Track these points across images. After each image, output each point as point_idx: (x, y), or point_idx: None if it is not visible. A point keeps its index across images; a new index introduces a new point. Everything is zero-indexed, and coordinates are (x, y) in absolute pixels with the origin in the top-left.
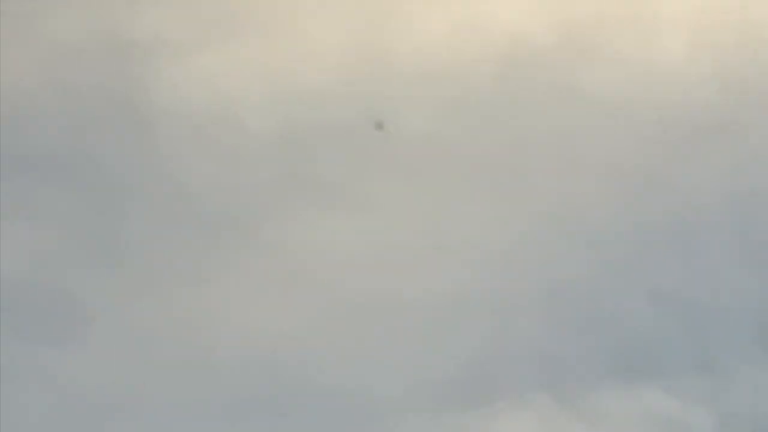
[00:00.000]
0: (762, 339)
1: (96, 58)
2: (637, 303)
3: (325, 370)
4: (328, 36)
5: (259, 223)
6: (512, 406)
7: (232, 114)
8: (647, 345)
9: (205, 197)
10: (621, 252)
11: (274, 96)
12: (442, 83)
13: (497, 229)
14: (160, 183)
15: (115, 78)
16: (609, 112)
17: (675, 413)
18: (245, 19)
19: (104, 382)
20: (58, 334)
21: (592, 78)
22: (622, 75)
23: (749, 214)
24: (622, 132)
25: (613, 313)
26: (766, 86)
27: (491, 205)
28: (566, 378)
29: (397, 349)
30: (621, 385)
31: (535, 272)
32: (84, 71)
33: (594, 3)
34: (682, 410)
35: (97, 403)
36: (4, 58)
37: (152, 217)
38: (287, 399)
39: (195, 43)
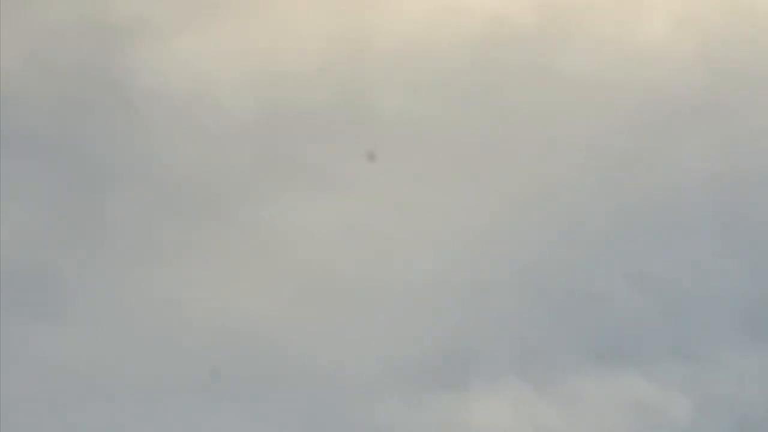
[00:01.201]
0: (742, 324)
1: (78, 40)
2: (615, 287)
3: (302, 350)
4: (307, 19)
5: (238, 204)
6: (487, 389)
7: (212, 96)
8: (625, 329)
9: (185, 178)
10: (600, 235)
11: (254, 78)
12: (422, 65)
13: (476, 211)
14: (141, 163)
15: (96, 60)
16: (591, 94)
17: (653, 398)
18: (225, 3)
19: (86, 359)
20: (41, 311)
21: (573, 59)
22: (605, 56)
23: (732, 197)
24: (604, 113)
25: (591, 297)
26: (751, 67)
27: (470, 187)
28: (542, 362)
29: (373, 331)
30: (598, 370)
31: (514, 255)
32: (66, 53)
33: None
34: (660, 395)
35: (80, 378)
36: None
37: (133, 197)
38: (265, 378)
39: (175, 26)
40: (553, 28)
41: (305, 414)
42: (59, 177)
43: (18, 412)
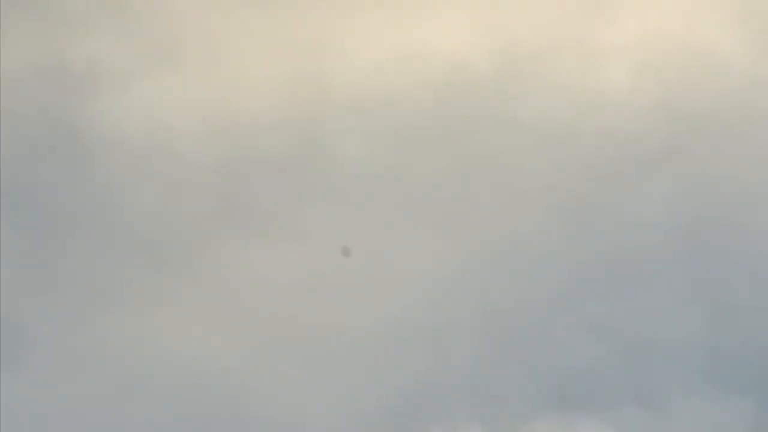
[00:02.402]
0: (699, 373)
1: (35, 88)
2: (575, 334)
3: (262, 398)
4: (266, 67)
5: (195, 252)
6: None
7: (169, 144)
8: (585, 377)
9: (143, 226)
10: (560, 283)
11: (211, 126)
12: (380, 112)
13: (434, 259)
14: (99, 212)
15: (53, 108)
16: (550, 141)
17: None
18: (182, 51)
19: (44, 406)
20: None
21: (533, 106)
22: (564, 104)
23: (692, 245)
24: (563, 161)
25: (551, 344)
26: (710, 115)
27: (428, 235)
28: (502, 409)
29: (331, 379)
30: (558, 417)
31: (474, 303)
32: (23, 101)
33: (535, 32)
34: None
35: (39, 424)
36: None
37: (91, 246)
38: (223, 426)
39: (133, 75)
40: (512, 76)
41: None
42: (17, 225)
43: None
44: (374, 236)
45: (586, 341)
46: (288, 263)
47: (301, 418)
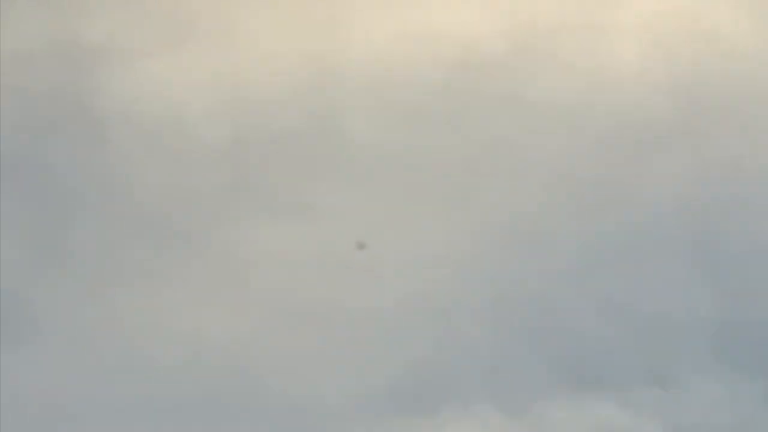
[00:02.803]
0: (713, 351)
1: (48, 64)
2: (587, 313)
3: (272, 376)
4: (278, 44)
5: (206, 229)
6: (458, 415)
7: (182, 120)
8: (598, 356)
9: (155, 203)
10: (573, 261)
11: (224, 103)
12: (392, 91)
13: (447, 237)
14: (111, 188)
15: (66, 84)
16: (560, 120)
17: (624, 424)
18: (195, 28)
19: (55, 384)
20: (8, 337)
21: (543, 85)
22: (574, 83)
23: (702, 224)
24: (573, 140)
25: (564, 323)
26: (718, 95)
27: (440, 214)
28: (513, 387)
29: (343, 356)
30: (570, 396)
31: (486, 281)
32: (36, 77)
33: (546, 11)
34: (631, 421)
35: (47, 403)
36: None
37: (103, 222)
38: (233, 404)
39: (146, 51)
40: (523, 55)
41: None
42: (28, 202)
43: None
44: (385, 214)
45: (598, 320)
46: (299, 240)
47: (311, 396)
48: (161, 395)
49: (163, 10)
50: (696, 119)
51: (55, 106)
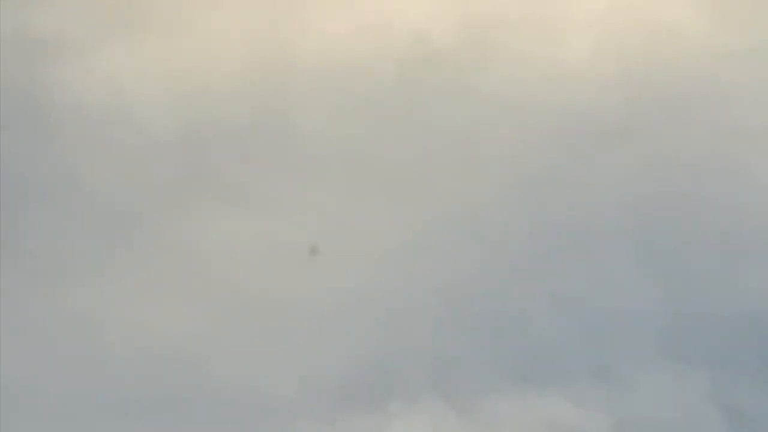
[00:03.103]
0: (659, 345)
1: None
2: (535, 307)
3: (221, 369)
4: (228, 36)
5: (159, 222)
6: (405, 409)
7: (132, 113)
8: (545, 350)
9: (105, 196)
10: (520, 255)
11: (175, 95)
12: (343, 83)
13: (395, 229)
14: (61, 181)
15: (15, 76)
16: (512, 113)
17: (572, 419)
18: (146, 20)
19: (4, 377)
20: None
21: (494, 78)
22: (526, 76)
23: (651, 219)
24: (525, 133)
25: (511, 317)
26: (670, 90)
27: (390, 205)
28: (460, 382)
29: (292, 350)
30: (517, 390)
31: (433, 274)
32: None
33: (499, 3)
34: (578, 416)
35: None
36: None
37: (52, 214)
38: (183, 396)
39: (96, 42)
40: (474, 48)
41: None
42: None
43: None
44: (336, 207)
45: (547, 315)
46: (250, 233)
47: (259, 389)
48: (112, 387)
49: (114, 1)
50: (647, 114)
51: (4, 98)
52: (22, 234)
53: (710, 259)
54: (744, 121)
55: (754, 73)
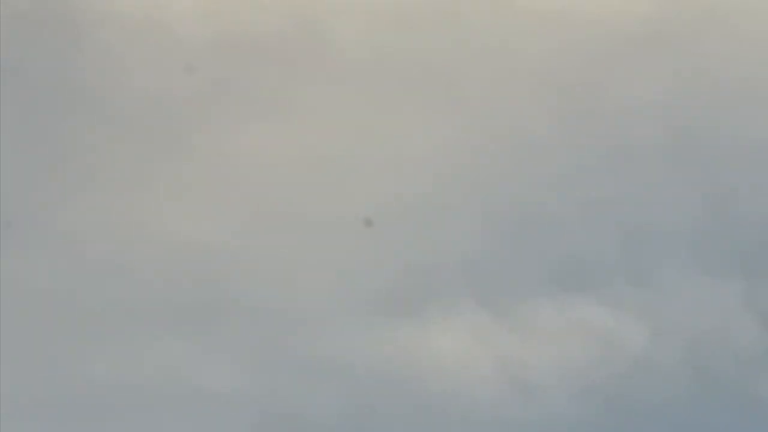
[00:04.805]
0: (696, 252)
1: None
2: (572, 214)
3: (255, 280)
4: None
5: (188, 133)
6: (443, 314)
7: (165, 22)
8: (582, 256)
9: (135, 106)
10: (556, 163)
11: (208, 4)
12: None
13: (432, 139)
14: (90, 89)
15: None
16: (545, 24)
17: (609, 324)
18: None
19: (36, 286)
20: None
21: None
22: None
23: (686, 128)
24: (560, 45)
25: (549, 223)
26: (709, 2)
27: (427, 115)
28: (498, 287)
29: (326, 259)
30: (554, 295)
31: (471, 183)
32: None
33: None
34: (615, 321)
35: (27, 306)
36: None
37: (82, 123)
38: (216, 307)
39: None
40: None
41: (260, 345)
42: (8, 101)
43: None
44: (371, 118)
45: (583, 221)
46: (284, 144)
47: (295, 299)
48: (142, 299)
49: None
50: (679, 23)
51: (32, 8)
52: (49, 141)
53: (746, 169)
54: None
55: None
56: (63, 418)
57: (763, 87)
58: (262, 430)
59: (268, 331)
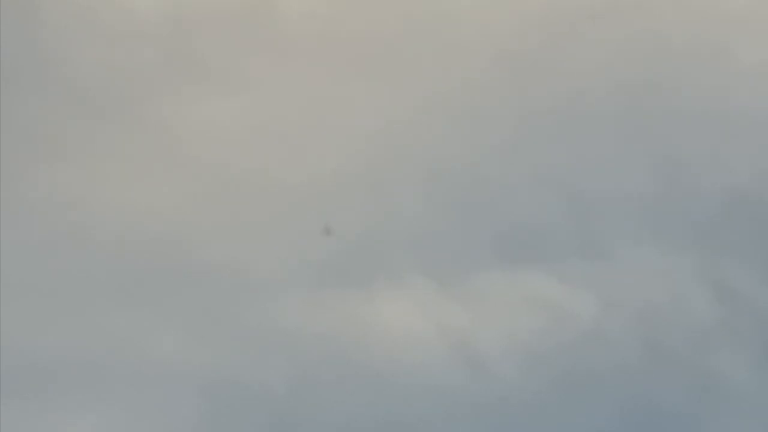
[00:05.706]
0: (644, 223)
1: None
2: (523, 186)
3: (205, 248)
4: None
5: (141, 104)
6: (391, 287)
7: None
8: (532, 228)
9: (87, 76)
10: (508, 135)
11: None
12: None
13: (380, 110)
14: (44, 62)
15: None
16: None
17: (558, 296)
18: None
19: None
20: None
21: None
22: None
23: (636, 97)
24: (510, 14)
25: (498, 196)
26: None
27: (375, 87)
28: (446, 259)
29: (275, 230)
30: (503, 268)
31: (419, 154)
32: None
33: None
34: (565, 293)
35: None
36: None
37: (35, 96)
38: (168, 275)
39: None
40: None
41: (209, 315)
42: None
43: None
44: (320, 88)
45: (534, 193)
46: (233, 115)
47: (246, 268)
48: (95, 268)
49: None
50: None
51: None
52: (5, 116)
53: (697, 141)
54: (727, 3)
55: None
56: (10, 390)
57: (719, 55)
58: (210, 399)
59: (217, 301)
